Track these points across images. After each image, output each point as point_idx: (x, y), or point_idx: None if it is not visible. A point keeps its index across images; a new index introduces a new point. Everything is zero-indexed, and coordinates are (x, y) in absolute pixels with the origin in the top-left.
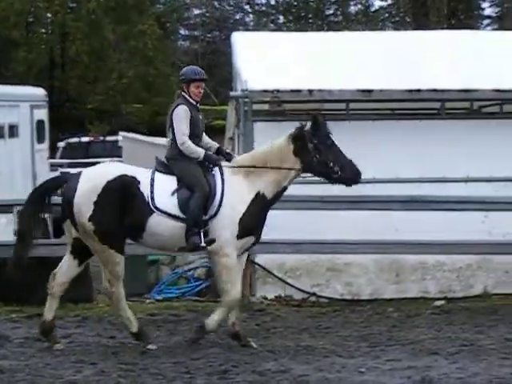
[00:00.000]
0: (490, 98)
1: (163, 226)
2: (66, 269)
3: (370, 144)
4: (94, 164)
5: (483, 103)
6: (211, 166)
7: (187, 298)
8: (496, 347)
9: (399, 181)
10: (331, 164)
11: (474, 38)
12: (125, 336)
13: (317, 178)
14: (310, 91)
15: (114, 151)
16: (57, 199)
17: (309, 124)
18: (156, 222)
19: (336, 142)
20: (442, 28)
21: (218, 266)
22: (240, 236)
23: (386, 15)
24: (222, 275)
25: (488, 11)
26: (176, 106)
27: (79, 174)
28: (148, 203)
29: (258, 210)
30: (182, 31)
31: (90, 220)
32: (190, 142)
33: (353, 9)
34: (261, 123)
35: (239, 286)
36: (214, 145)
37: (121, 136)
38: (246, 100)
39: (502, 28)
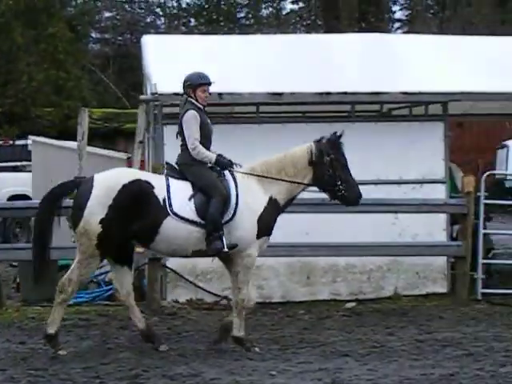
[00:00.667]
0: (399, 100)
1: (179, 230)
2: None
3: (281, 147)
4: (2, 168)
5: (393, 106)
6: (222, 170)
7: (98, 302)
8: (406, 349)
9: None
10: (339, 182)
11: (384, 41)
12: (35, 342)
13: None
14: (220, 94)
15: (24, 155)
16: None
17: (325, 138)
18: (171, 227)
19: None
20: (353, 31)
21: (238, 266)
22: (259, 236)
23: (298, 18)
24: (240, 276)
25: (398, 14)
26: (185, 112)
27: (91, 178)
28: (164, 208)
29: (274, 211)
30: (93, 34)
31: (100, 223)
32: (201, 147)
33: (264, 12)
34: (171, 126)
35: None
36: (215, 152)
37: (30, 140)
38: (156, 103)
39: (412, 31)
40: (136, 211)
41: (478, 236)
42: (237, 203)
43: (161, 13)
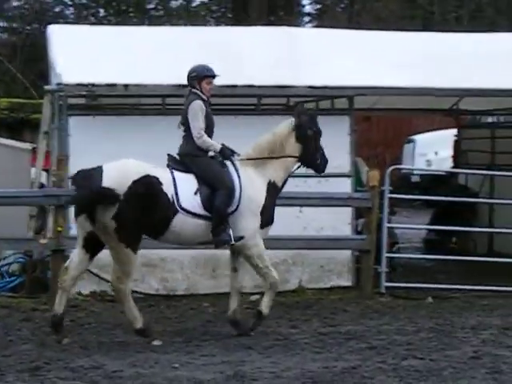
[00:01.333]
0: (305, 94)
1: (187, 224)
2: (78, 263)
3: None
4: None
5: (300, 99)
6: (225, 159)
7: (1, 293)
8: (309, 341)
9: None
10: (320, 152)
11: (292, 35)
12: None
13: None
14: (126, 86)
15: None
16: None
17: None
18: (181, 221)
19: None
20: (263, 24)
21: (252, 258)
22: (262, 226)
23: (207, 11)
24: (258, 264)
25: (308, 8)
26: (191, 102)
27: (100, 170)
28: (173, 203)
29: (273, 199)
30: (1, 23)
31: (113, 218)
32: (206, 136)
33: (174, 3)
34: (76, 117)
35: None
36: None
37: None
38: (61, 94)
39: (321, 25)
40: (146, 207)
41: (382, 230)
42: (240, 195)
43: (70, 2)
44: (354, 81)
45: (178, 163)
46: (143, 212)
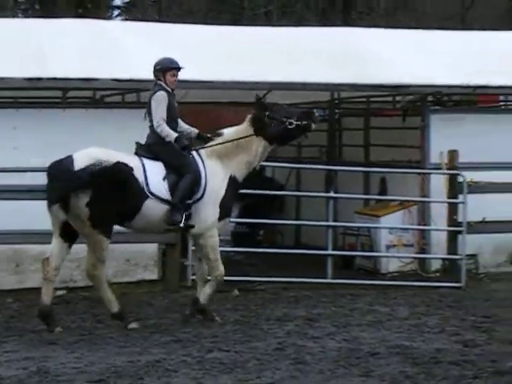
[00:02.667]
0: (111, 87)
1: (156, 209)
2: (58, 252)
3: None
4: None
5: (106, 93)
6: (181, 149)
7: None
8: (114, 336)
9: (28, 170)
10: (285, 119)
11: (99, 28)
12: None
13: None
14: None
15: None
16: None
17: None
18: (150, 206)
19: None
20: (71, 17)
21: (206, 247)
22: (220, 219)
23: (15, 2)
24: (210, 255)
25: (117, 1)
26: (154, 92)
27: (71, 159)
28: (143, 189)
29: (233, 193)
30: None
31: (87, 206)
32: (165, 125)
33: None
34: None
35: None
36: (194, 130)
37: None
38: None
39: (131, 18)
40: (118, 193)
41: None
42: (206, 185)
43: None
44: None
45: (146, 151)
46: (116, 198)
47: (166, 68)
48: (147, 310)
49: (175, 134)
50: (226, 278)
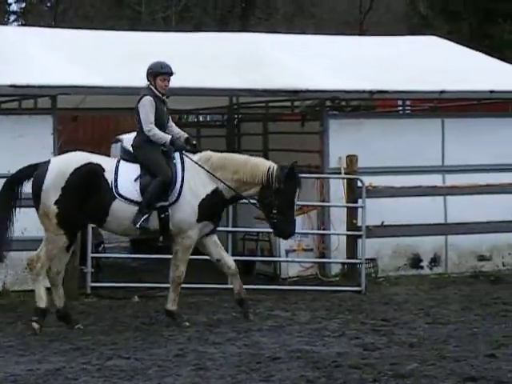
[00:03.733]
0: (8, 93)
1: (125, 211)
2: (58, 258)
3: None
4: None
5: (2, 99)
6: (177, 151)
7: None
8: (13, 344)
9: None
10: (275, 211)
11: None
12: None
13: None
14: None
15: None
16: None
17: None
18: (118, 208)
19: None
20: None
21: (178, 245)
22: (199, 220)
23: None
24: (178, 254)
25: (14, 6)
26: (141, 98)
27: (48, 162)
28: (111, 190)
29: (216, 201)
30: None
31: (55, 204)
32: (155, 129)
33: None
34: None
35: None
36: (184, 134)
37: None
38: None
39: (27, 23)
40: (87, 193)
41: (86, 230)
42: (182, 187)
43: None
44: (58, 80)
45: (128, 154)
46: (84, 197)
47: (157, 73)
48: (46, 318)
49: (169, 136)
50: (125, 284)
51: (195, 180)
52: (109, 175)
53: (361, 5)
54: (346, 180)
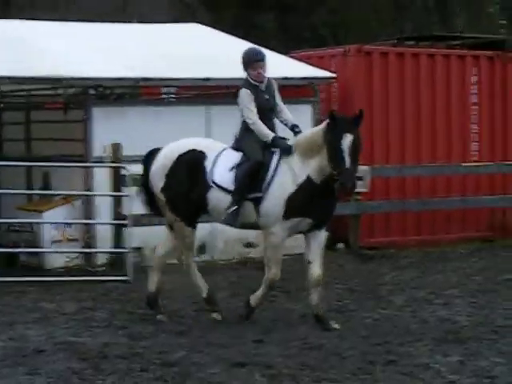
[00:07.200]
0: None
1: (221, 201)
2: (165, 241)
3: None
4: None
5: None
6: (280, 151)
7: None
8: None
9: None
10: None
11: None
12: None
13: None
14: None
15: None
16: None
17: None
18: (215, 197)
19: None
20: None
21: (265, 243)
22: (287, 216)
23: None
24: (267, 252)
25: None
26: (238, 90)
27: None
28: (208, 178)
29: (308, 192)
30: None
31: (162, 191)
32: (260, 123)
33: None
34: None
35: (280, 266)
36: (291, 121)
37: None
38: None
39: None
40: (187, 181)
41: None
42: (272, 179)
43: None
44: None
45: (235, 142)
46: (186, 185)
47: (247, 61)
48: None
49: (272, 135)
50: None
51: (288, 171)
52: (208, 163)
53: None
54: (110, 169)
